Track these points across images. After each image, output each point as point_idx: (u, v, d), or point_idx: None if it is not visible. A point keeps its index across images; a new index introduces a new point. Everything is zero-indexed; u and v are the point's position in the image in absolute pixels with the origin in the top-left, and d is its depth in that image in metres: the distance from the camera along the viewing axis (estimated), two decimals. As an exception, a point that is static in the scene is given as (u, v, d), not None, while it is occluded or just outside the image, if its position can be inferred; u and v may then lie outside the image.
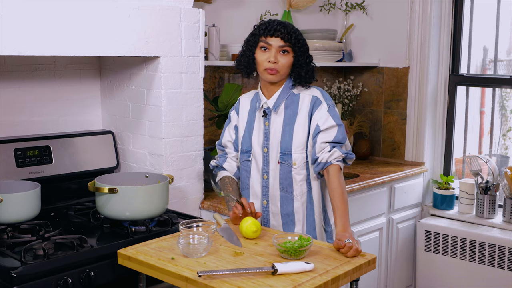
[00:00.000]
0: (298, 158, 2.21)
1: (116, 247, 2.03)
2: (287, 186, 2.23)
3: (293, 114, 2.22)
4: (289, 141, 2.20)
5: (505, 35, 3.60)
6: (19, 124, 2.59)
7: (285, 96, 2.24)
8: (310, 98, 2.21)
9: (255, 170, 2.29)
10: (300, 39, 2.20)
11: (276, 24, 2.18)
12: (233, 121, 2.39)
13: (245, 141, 2.31)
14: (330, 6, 3.85)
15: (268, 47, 2.17)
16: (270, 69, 2.17)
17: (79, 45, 2.25)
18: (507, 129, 3.66)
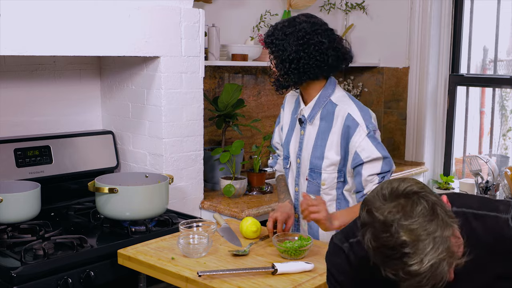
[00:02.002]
0: (328, 178, 2.02)
1: (116, 247, 2.03)
2: None
3: (327, 128, 2.02)
4: (320, 158, 2.02)
5: (505, 35, 3.60)
6: (19, 124, 2.59)
7: (321, 105, 2.03)
8: (345, 116, 1.97)
9: (290, 179, 2.16)
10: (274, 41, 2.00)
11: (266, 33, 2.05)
12: (280, 119, 2.26)
13: (285, 146, 2.17)
14: (330, 6, 3.85)
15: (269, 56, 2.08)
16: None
17: (79, 45, 2.25)
18: (507, 129, 3.65)
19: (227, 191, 2.80)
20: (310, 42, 1.96)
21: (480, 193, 3.44)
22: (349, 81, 3.98)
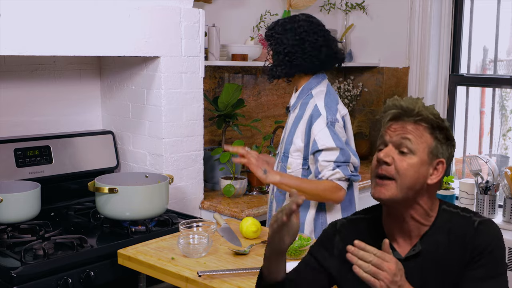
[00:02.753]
0: (293, 163, 2.17)
1: (116, 247, 2.03)
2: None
3: (299, 117, 2.18)
4: (290, 143, 2.19)
5: (505, 35, 3.59)
6: (19, 124, 2.59)
7: (303, 96, 2.20)
8: (313, 107, 2.12)
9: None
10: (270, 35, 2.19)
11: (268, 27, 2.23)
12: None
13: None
14: (330, 6, 3.85)
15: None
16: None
17: (79, 45, 2.25)
18: (507, 129, 3.65)
19: (227, 191, 2.80)
20: (306, 39, 2.13)
21: (480, 193, 3.44)
22: (349, 81, 3.98)
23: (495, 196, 3.42)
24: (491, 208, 3.43)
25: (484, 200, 3.42)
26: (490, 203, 3.42)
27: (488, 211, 3.43)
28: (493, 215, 3.44)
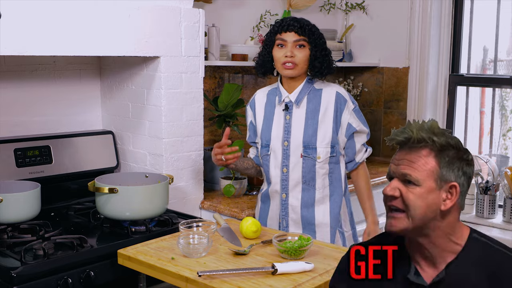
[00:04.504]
0: (323, 152, 2.24)
1: (116, 247, 2.03)
2: (310, 179, 2.26)
3: (315, 109, 2.25)
4: (313, 135, 2.24)
5: (505, 35, 3.59)
6: (19, 124, 2.59)
7: (307, 91, 2.27)
8: (335, 94, 2.25)
9: (273, 164, 2.31)
10: (314, 31, 2.23)
11: (289, 19, 2.22)
12: (249, 117, 2.44)
13: (264, 136, 2.34)
14: (330, 6, 3.85)
15: (284, 43, 2.21)
16: (287, 62, 2.20)
17: (79, 45, 2.25)
18: (507, 129, 3.65)
19: (227, 191, 2.80)
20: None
21: (480, 193, 3.44)
22: (349, 81, 3.98)
23: (495, 196, 3.42)
24: (491, 208, 3.43)
25: (484, 200, 3.42)
26: (490, 203, 3.42)
27: (488, 211, 3.43)
28: (493, 215, 3.44)
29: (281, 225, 2.33)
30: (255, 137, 2.42)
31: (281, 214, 2.32)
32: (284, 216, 2.31)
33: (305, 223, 2.29)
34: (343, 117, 2.26)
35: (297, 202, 2.28)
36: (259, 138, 2.38)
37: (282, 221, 2.32)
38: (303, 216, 2.29)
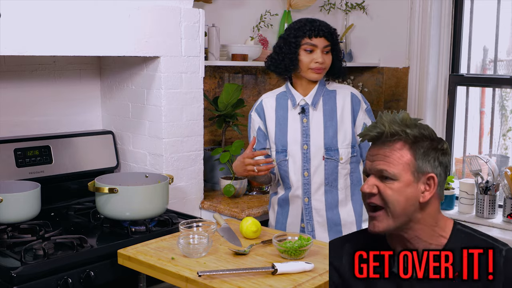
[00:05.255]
0: (344, 153, 2.25)
1: (116, 247, 2.03)
2: (332, 181, 2.26)
3: (332, 110, 2.26)
4: (334, 136, 2.24)
5: (505, 35, 3.59)
6: (19, 124, 2.59)
7: (321, 93, 2.27)
8: (350, 95, 2.27)
9: (292, 169, 2.27)
10: (337, 37, 2.27)
11: (318, 24, 2.21)
12: (256, 123, 2.34)
13: (279, 141, 2.28)
14: (330, 6, 3.85)
15: (313, 49, 2.19)
16: (317, 68, 2.20)
17: (79, 45, 2.25)
18: (507, 129, 3.65)
19: (227, 191, 2.80)
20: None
21: (480, 193, 3.44)
22: (349, 81, 3.98)
23: (495, 196, 3.42)
24: (491, 208, 3.43)
25: (484, 200, 3.42)
26: (490, 203, 3.42)
27: (488, 211, 3.43)
28: (493, 215, 3.44)
29: (306, 230, 2.28)
30: (264, 143, 2.33)
31: (305, 218, 2.27)
32: (308, 220, 2.27)
33: (331, 225, 2.27)
34: (358, 117, 2.27)
35: (321, 204, 2.26)
36: (272, 143, 2.30)
37: (306, 225, 2.28)
38: (329, 218, 2.26)
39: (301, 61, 2.20)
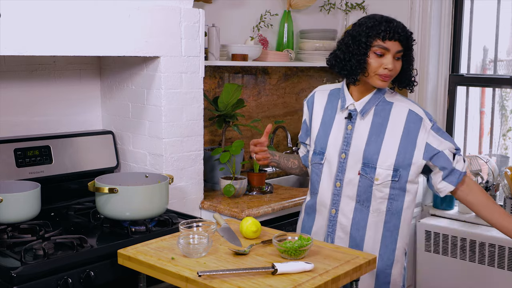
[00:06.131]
0: (382, 174, 2.02)
1: (116, 247, 2.03)
2: (365, 200, 2.06)
3: (382, 124, 2.04)
4: (375, 152, 2.02)
5: (505, 35, 3.60)
6: (19, 124, 2.59)
7: (376, 102, 2.05)
8: (407, 112, 2.03)
9: (326, 175, 2.11)
10: (413, 43, 2.03)
11: (395, 25, 1.98)
12: (304, 115, 2.24)
13: (319, 141, 2.14)
14: (330, 6, 3.85)
15: (385, 53, 1.96)
16: (385, 75, 1.98)
17: (79, 45, 2.25)
18: (507, 129, 3.66)
19: (227, 191, 2.80)
20: None
21: (480, 193, 3.44)
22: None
23: (495, 196, 3.42)
24: (491, 208, 3.43)
25: (484, 200, 3.42)
26: (490, 203, 3.42)
27: (488, 211, 3.43)
28: (493, 215, 3.44)
29: (326, 241, 2.14)
30: (306, 137, 2.24)
31: (327, 230, 2.13)
32: (330, 233, 2.13)
33: (352, 245, 2.08)
34: (419, 137, 2.00)
35: (348, 221, 2.08)
36: (312, 142, 2.17)
37: (327, 237, 2.14)
38: (352, 237, 2.08)
39: (369, 64, 1.97)
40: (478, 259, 3.35)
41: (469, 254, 3.38)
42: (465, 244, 3.39)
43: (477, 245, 3.34)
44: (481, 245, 3.32)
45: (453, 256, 3.45)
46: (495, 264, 3.29)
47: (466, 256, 3.40)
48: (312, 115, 2.19)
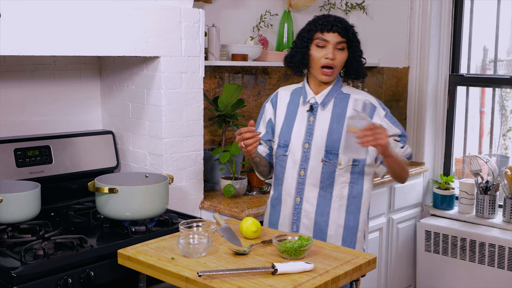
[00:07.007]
0: (344, 159, 2.15)
1: (116, 247, 2.03)
2: (328, 186, 2.18)
3: (341, 113, 2.18)
4: (337, 139, 2.16)
5: (505, 35, 3.60)
6: (19, 124, 2.59)
7: (334, 94, 2.20)
8: (363, 102, 2.14)
9: (291, 166, 2.23)
10: (355, 33, 2.17)
11: (333, 19, 2.13)
12: (268, 114, 2.34)
13: (282, 135, 2.26)
14: (330, 6, 3.85)
15: (325, 44, 2.12)
16: (326, 68, 2.13)
17: (79, 45, 2.25)
18: (507, 129, 3.66)
19: (227, 191, 2.80)
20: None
21: (480, 193, 3.44)
22: (349, 81, 3.98)
23: (495, 196, 3.42)
24: (491, 208, 3.43)
25: (484, 200, 3.43)
26: (490, 203, 3.42)
27: (488, 211, 3.43)
28: (493, 215, 3.44)
29: (291, 230, 2.24)
30: (272, 135, 2.32)
31: (292, 218, 2.24)
32: (295, 221, 2.23)
33: (316, 231, 2.20)
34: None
35: (312, 208, 2.20)
36: (276, 137, 2.29)
37: (292, 226, 2.24)
38: (316, 223, 2.20)
39: (312, 56, 2.14)
40: (478, 259, 3.35)
41: (469, 254, 3.38)
42: (465, 244, 3.39)
43: (477, 245, 3.34)
44: (481, 245, 3.32)
45: (453, 256, 3.46)
46: (495, 264, 3.29)
47: (466, 256, 3.40)
48: (276, 112, 2.32)
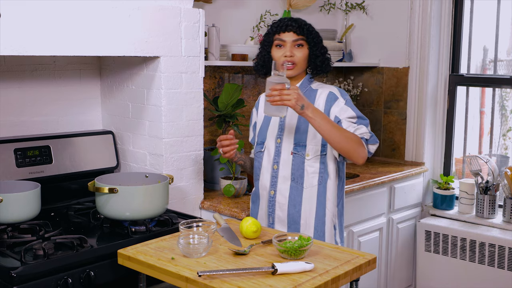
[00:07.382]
0: (312, 149, 2.25)
1: (116, 247, 2.03)
2: (298, 177, 2.27)
3: None
4: (304, 132, 2.25)
5: (505, 35, 3.60)
6: (19, 124, 2.59)
7: (303, 90, 2.29)
8: (327, 94, 2.27)
9: (266, 161, 2.34)
10: (312, 30, 2.27)
11: (287, 20, 2.26)
12: (253, 118, 2.49)
13: (260, 134, 2.39)
14: (330, 6, 3.85)
15: (283, 44, 2.25)
16: (287, 62, 2.22)
17: (79, 45, 2.25)
18: (507, 129, 3.66)
19: (227, 191, 2.80)
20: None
21: (480, 193, 3.44)
22: (349, 81, 3.98)
23: (495, 196, 3.42)
24: (491, 208, 3.43)
25: (484, 200, 3.42)
26: (490, 203, 3.42)
27: (488, 211, 3.43)
28: (493, 215, 3.44)
29: (267, 223, 2.34)
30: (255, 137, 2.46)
31: (268, 211, 2.33)
32: (270, 213, 2.33)
33: (290, 222, 2.29)
34: (331, 111, 2.23)
35: (285, 200, 2.29)
36: (256, 137, 2.42)
37: (268, 218, 2.34)
38: (290, 214, 2.29)
39: (273, 56, 2.27)
40: (478, 259, 3.35)
41: (469, 254, 3.38)
42: (465, 244, 3.39)
43: (477, 245, 3.34)
44: (481, 245, 3.32)
45: (453, 256, 3.46)
46: (495, 264, 3.29)
47: (466, 256, 3.40)
48: (258, 115, 2.45)
